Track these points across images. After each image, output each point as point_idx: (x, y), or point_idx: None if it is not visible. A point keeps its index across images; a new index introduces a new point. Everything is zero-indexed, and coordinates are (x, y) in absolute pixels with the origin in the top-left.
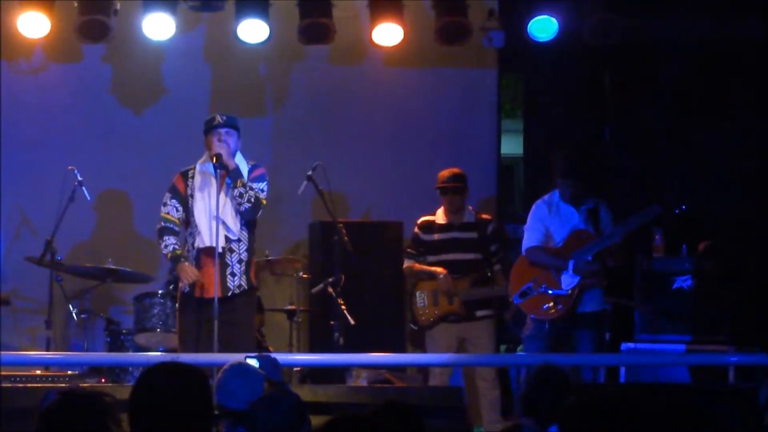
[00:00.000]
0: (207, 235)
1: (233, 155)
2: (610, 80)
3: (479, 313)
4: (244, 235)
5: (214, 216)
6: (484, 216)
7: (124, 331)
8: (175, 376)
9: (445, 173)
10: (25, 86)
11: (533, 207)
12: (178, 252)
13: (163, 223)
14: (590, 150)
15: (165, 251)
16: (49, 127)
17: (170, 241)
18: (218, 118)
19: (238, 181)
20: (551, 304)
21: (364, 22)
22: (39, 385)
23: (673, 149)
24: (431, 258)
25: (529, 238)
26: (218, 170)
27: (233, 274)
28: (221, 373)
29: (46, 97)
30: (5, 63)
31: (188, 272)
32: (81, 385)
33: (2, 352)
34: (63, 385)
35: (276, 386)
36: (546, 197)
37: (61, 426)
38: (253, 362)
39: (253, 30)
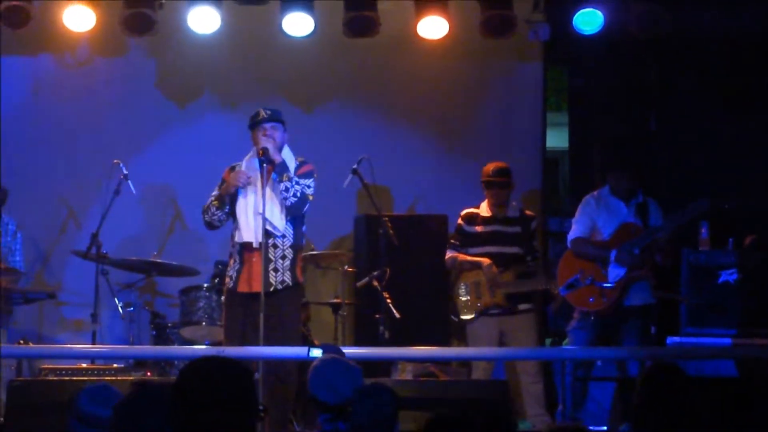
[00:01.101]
0: (251, 230)
1: (280, 149)
2: (656, 73)
3: (521, 307)
4: (289, 231)
5: (259, 212)
6: (528, 212)
7: (169, 325)
8: (218, 371)
9: (490, 167)
10: (70, 79)
11: (582, 201)
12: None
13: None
14: (636, 143)
15: (209, 203)
16: (94, 121)
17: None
18: (263, 113)
19: (284, 175)
20: (597, 296)
21: (408, 16)
22: (85, 378)
23: (720, 142)
24: (474, 250)
25: (575, 230)
26: (264, 165)
27: (276, 270)
28: (315, 367)
29: (91, 90)
30: (51, 56)
31: (237, 174)
32: (129, 378)
33: (48, 346)
34: (107, 378)
35: None
36: (595, 192)
37: (134, 418)
38: (318, 353)
39: (298, 23)
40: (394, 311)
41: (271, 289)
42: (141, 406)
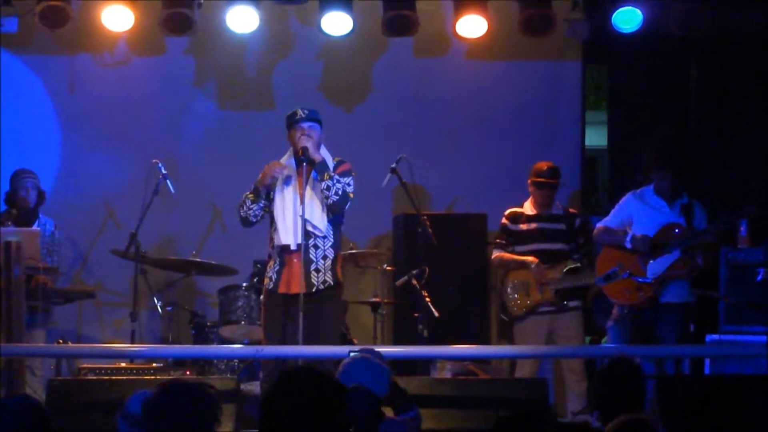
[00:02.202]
0: (291, 231)
1: (318, 148)
2: (695, 71)
3: (571, 304)
4: (330, 231)
5: (299, 214)
6: (572, 210)
7: (208, 324)
8: (311, 383)
9: (543, 166)
10: (108, 79)
11: (624, 195)
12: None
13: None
14: (677, 142)
15: (244, 199)
16: (132, 120)
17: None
18: (300, 112)
19: (326, 173)
20: (633, 290)
21: (447, 15)
22: (124, 377)
23: (760, 142)
24: (519, 248)
25: (604, 220)
26: (304, 165)
27: (317, 270)
28: (345, 365)
29: (130, 89)
30: (89, 56)
31: (271, 165)
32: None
33: (87, 345)
34: (147, 377)
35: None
36: (638, 190)
37: (167, 415)
38: (357, 356)
39: (336, 22)
40: (433, 310)
41: (313, 290)
42: (174, 404)
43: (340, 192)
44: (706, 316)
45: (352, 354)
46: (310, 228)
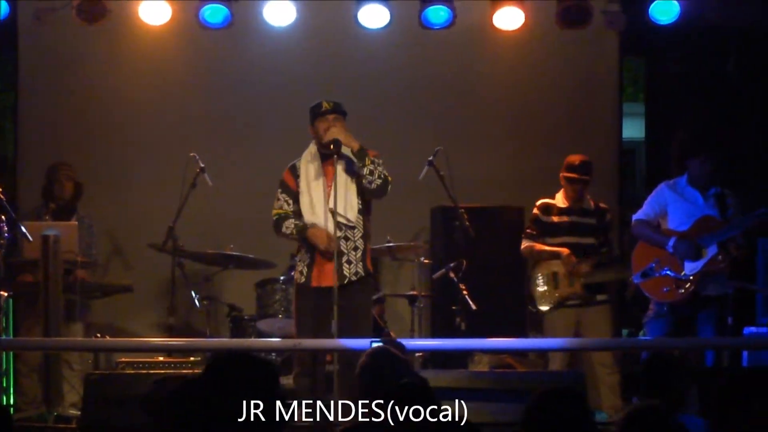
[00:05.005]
0: (322, 223)
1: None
2: (733, 63)
3: (599, 298)
4: (360, 222)
5: (329, 206)
6: (602, 205)
7: (246, 317)
8: (241, 366)
9: (575, 160)
10: (146, 74)
11: (658, 186)
12: (301, 225)
13: (275, 217)
14: (716, 133)
15: (288, 232)
16: (170, 114)
17: (289, 222)
18: (326, 104)
19: (366, 159)
20: (672, 287)
21: (485, 7)
22: (162, 371)
23: None
24: (550, 240)
25: (640, 213)
26: (331, 156)
27: (349, 262)
28: (365, 355)
29: (168, 83)
30: (127, 51)
31: (321, 235)
32: None
33: (125, 339)
34: (184, 371)
35: (404, 371)
36: (672, 180)
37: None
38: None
39: (374, 15)
40: (471, 303)
41: (345, 282)
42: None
43: (382, 176)
44: (745, 308)
45: (373, 344)
46: (340, 219)
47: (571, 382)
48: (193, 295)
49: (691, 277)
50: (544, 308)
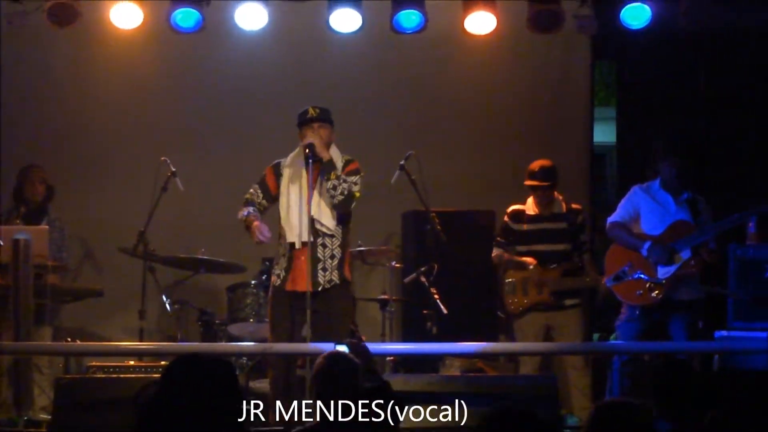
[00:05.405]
0: (297, 229)
1: (327, 148)
2: (704, 67)
3: (568, 302)
4: (338, 230)
5: (307, 212)
6: (574, 206)
7: (217, 321)
8: (200, 368)
9: (534, 167)
10: (116, 77)
11: (630, 189)
12: (252, 217)
13: (244, 200)
14: (686, 134)
15: (239, 217)
16: (140, 118)
17: (248, 208)
18: (312, 111)
19: (332, 173)
20: (644, 290)
21: (457, 11)
22: (132, 375)
23: None
24: (521, 248)
25: (614, 215)
26: (310, 161)
27: (325, 269)
28: (319, 360)
29: (138, 87)
30: (98, 54)
31: (259, 228)
32: None
33: (95, 343)
34: (155, 375)
35: (368, 375)
36: (645, 184)
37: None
38: (343, 349)
39: (345, 19)
40: (442, 307)
41: (320, 289)
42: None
43: (345, 192)
44: (715, 312)
45: (336, 347)
46: (318, 226)
47: (543, 386)
48: (164, 299)
49: (664, 281)
50: (512, 314)
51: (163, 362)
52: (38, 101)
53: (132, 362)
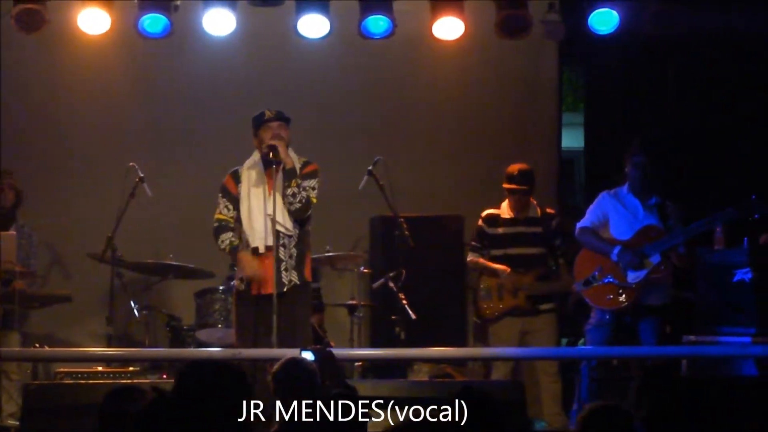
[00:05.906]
0: (261, 233)
1: (287, 149)
2: (672, 72)
3: (543, 307)
4: (295, 230)
5: (268, 213)
6: (549, 210)
7: (185, 327)
8: (214, 374)
9: (514, 170)
10: (84, 82)
11: (598, 195)
12: (236, 243)
13: (216, 224)
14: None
15: (222, 246)
16: (109, 123)
17: (226, 236)
18: (268, 113)
19: (293, 181)
20: (614, 295)
21: (425, 17)
22: (101, 381)
23: (737, 141)
24: (495, 252)
25: (584, 220)
26: (272, 164)
27: (286, 269)
28: (278, 367)
29: (106, 93)
30: (66, 59)
31: (248, 262)
32: (145, 381)
33: (64, 349)
34: (123, 381)
35: (333, 380)
36: (613, 189)
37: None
38: (308, 356)
39: (313, 25)
40: (410, 312)
41: (285, 290)
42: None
43: (303, 200)
44: (683, 317)
45: (303, 353)
46: (280, 228)
47: (511, 390)
48: (132, 304)
49: (634, 286)
50: (488, 319)
51: (131, 368)
52: (5, 106)
53: (100, 368)
